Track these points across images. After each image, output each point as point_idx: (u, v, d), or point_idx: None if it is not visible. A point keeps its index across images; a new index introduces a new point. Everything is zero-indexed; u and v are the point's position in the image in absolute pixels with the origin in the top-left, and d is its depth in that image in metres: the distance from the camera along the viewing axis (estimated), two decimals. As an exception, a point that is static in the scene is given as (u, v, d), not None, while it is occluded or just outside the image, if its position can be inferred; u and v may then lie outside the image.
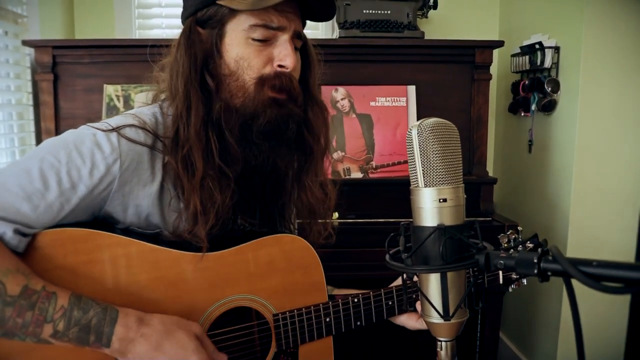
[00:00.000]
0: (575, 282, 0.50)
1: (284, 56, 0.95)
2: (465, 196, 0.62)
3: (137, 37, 2.46)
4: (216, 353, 0.95)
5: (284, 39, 0.95)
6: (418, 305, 1.12)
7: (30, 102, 2.09)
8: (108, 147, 0.91)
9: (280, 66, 0.96)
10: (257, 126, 0.96)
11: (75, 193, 0.89)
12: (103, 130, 0.92)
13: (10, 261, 0.82)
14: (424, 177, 0.61)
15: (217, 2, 0.94)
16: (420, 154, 0.61)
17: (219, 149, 0.95)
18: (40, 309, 0.82)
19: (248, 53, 0.95)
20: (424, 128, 0.61)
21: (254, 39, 0.94)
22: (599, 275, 0.44)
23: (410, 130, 0.62)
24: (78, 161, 0.89)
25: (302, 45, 1.02)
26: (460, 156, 0.63)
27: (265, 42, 0.95)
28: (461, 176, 0.62)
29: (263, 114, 0.95)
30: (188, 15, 0.99)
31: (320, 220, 1.11)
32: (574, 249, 1.99)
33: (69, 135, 0.93)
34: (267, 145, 0.98)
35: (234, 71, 0.96)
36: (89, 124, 0.95)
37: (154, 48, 1.09)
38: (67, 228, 0.90)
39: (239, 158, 0.97)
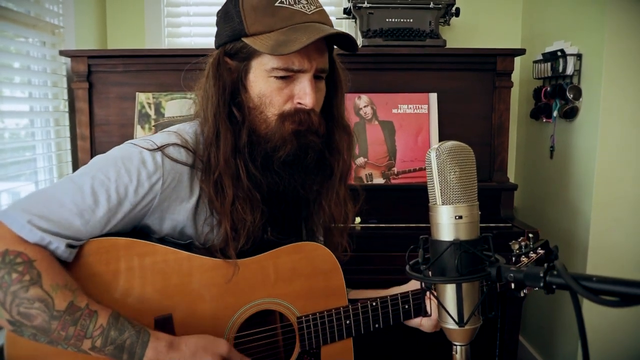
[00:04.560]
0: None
1: (303, 95, 0.99)
2: (479, 212, 0.67)
3: (166, 45, 2.54)
4: None
5: (304, 77, 0.99)
6: (432, 309, 1.17)
7: (66, 109, 2.18)
8: (152, 166, 0.97)
9: (300, 103, 1.00)
10: (278, 158, 1.01)
11: (122, 209, 0.96)
12: (148, 150, 0.98)
13: (60, 277, 0.90)
14: (441, 195, 0.66)
15: (243, 39, 0.99)
16: (438, 175, 0.66)
17: (246, 174, 1.01)
18: (82, 325, 0.89)
19: (270, 91, 1.00)
20: (442, 151, 0.66)
21: (275, 77, 0.99)
22: (598, 289, 0.48)
23: (429, 152, 0.67)
24: (125, 179, 0.96)
25: (329, 71, 1.06)
26: (476, 176, 0.68)
27: (287, 79, 0.99)
28: (476, 195, 0.67)
29: (283, 148, 1.00)
30: (219, 44, 1.05)
31: (337, 236, 1.17)
32: (595, 255, 2.00)
33: (116, 153, 1.00)
34: (288, 173, 1.03)
35: (257, 106, 1.01)
36: (133, 141, 1.02)
37: (187, 59, 1.15)
38: (110, 237, 0.97)
39: (263, 184, 1.03)
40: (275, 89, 1.00)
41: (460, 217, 0.65)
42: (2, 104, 1.82)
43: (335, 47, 1.09)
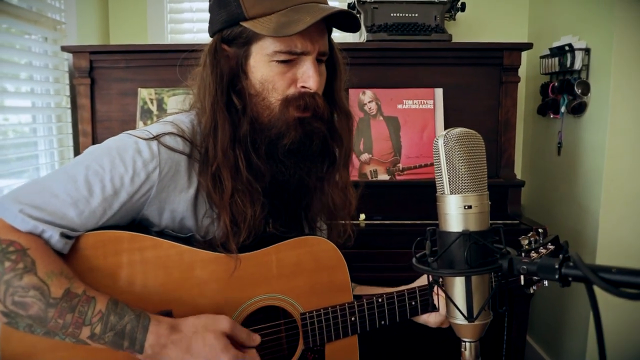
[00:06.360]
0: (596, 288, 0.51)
1: (307, 78, 0.97)
2: (489, 202, 0.65)
3: (169, 41, 2.52)
4: (250, 337, 0.97)
5: (307, 60, 0.97)
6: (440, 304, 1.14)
7: (69, 105, 2.17)
8: (149, 155, 0.95)
9: (304, 87, 0.98)
10: (282, 146, 0.98)
11: (117, 199, 0.93)
12: (144, 139, 0.96)
13: (55, 264, 0.87)
14: (449, 184, 0.64)
15: (242, 23, 0.95)
16: (446, 163, 0.63)
17: (247, 165, 0.98)
18: (80, 312, 0.86)
19: (272, 75, 0.97)
20: (450, 138, 0.64)
21: (278, 61, 0.96)
22: (618, 281, 0.46)
23: (437, 139, 0.65)
24: (121, 168, 0.93)
25: (328, 55, 1.03)
26: (485, 165, 0.65)
27: (289, 62, 0.96)
28: (486, 184, 0.64)
29: (288, 135, 0.97)
30: (214, 32, 1.01)
31: (340, 222, 1.14)
32: (604, 253, 1.96)
33: (111, 143, 0.97)
34: (293, 161, 1.00)
35: (259, 92, 0.98)
36: (129, 131, 0.99)
37: (186, 53, 1.12)
38: (108, 230, 0.95)
39: (266, 174, 1.00)
40: (277, 74, 0.97)
41: (470, 207, 0.62)
42: (4, 100, 1.80)
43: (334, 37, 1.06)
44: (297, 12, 0.93)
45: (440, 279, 0.67)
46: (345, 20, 0.99)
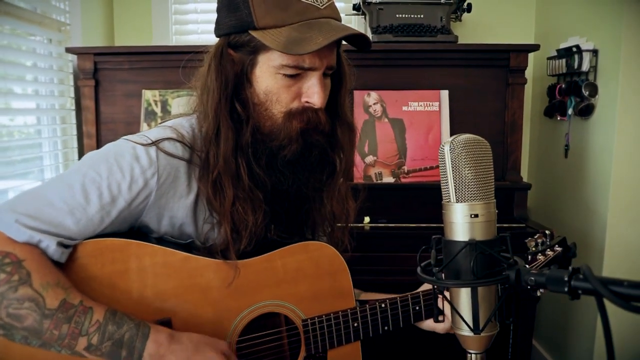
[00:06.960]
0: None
1: (312, 93, 0.95)
2: (496, 211, 0.63)
3: (173, 42, 2.52)
4: None
5: (314, 76, 0.95)
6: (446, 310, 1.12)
7: (73, 106, 2.16)
8: (147, 161, 0.93)
9: (307, 102, 0.96)
10: (283, 156, 0.97)
11: (115, 206, 0.92)
12: (142, 145, 0.94)
13: (51, 275, 0.86)
14: (455, 192, 0.62)
15: (251, 32, 0.93)
16: (453, 170, 0.62)
17: (248, 173, 0.97)
18: (76, 322, 0.85)
19: (277, 88, 0.95)
20: (457, 144, 0.62)
21: (284, 75, 0.94)
22: (630, 295, 0.44)
23: (443, 146, 0.63)
24: (118, 175, 0.92)
25: (335, 67, 1.02)
26: (492, 172, 0.63)
27: (295, 76, 0.95)
28: (493, 192, 0.63)
29: (289, 147, 0.96)
30: (221, 34, 1.00)
31: (338, 233, 1.13)
32: (612, 258, 1.94)
33: (109, 149, 0.96)
34: (291, 171, 0.99)
35: (263, 102, 0.97)
36: (127, 137, 0.98)
37: (191, 54, 1.11)
38: (106, 238, 0.94)
39: (267, 184, 0.99)
40: (282, 86, 0.95)
41: (476, 216, 0.61)
42: (10, 102, 1.80)
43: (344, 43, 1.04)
44: (310, 29, 0.90)
45: (446, 289, 0.65)
46: (358, 39, 0.97)
